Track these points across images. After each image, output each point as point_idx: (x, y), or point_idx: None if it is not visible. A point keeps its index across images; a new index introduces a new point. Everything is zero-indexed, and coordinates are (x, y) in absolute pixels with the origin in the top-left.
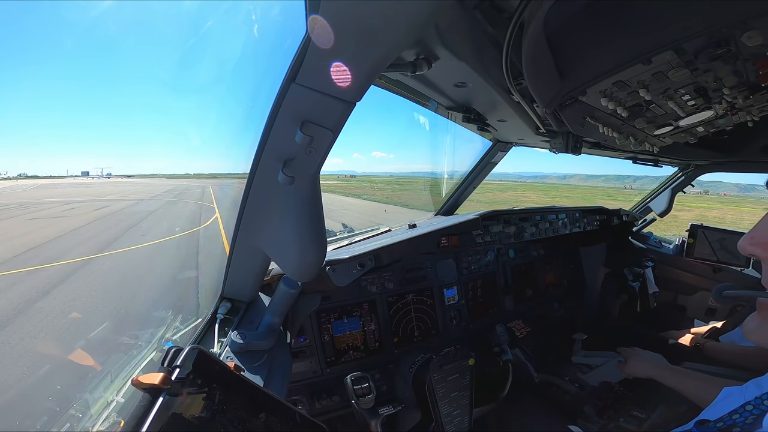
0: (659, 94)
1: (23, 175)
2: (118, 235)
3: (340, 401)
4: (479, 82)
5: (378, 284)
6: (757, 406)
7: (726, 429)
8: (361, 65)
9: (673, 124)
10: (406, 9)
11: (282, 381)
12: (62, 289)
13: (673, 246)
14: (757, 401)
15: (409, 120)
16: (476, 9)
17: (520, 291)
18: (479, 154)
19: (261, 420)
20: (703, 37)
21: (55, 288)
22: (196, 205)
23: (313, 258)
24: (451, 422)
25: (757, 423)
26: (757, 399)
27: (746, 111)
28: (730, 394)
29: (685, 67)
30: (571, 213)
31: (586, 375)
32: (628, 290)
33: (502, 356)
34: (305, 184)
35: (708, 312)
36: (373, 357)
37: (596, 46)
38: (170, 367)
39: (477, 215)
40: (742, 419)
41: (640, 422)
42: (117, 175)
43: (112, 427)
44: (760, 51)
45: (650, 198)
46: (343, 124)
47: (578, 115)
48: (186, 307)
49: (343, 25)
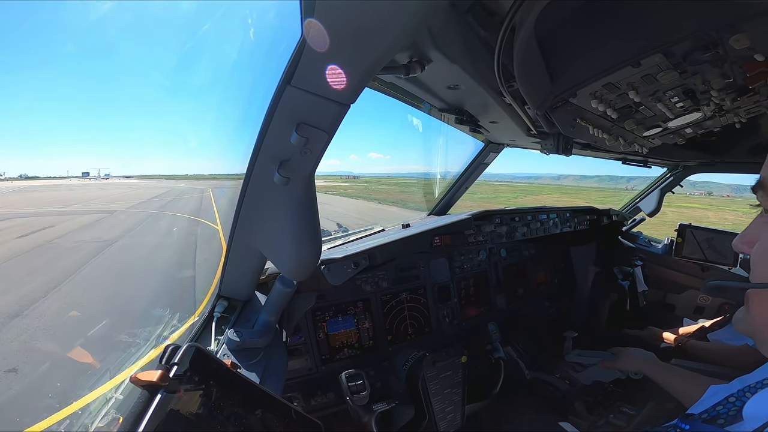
0: (648, 96)
1: (24, 176)
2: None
3: (335, 398)
4: (471, 85)
5: (372, 283)
6: (739, 398)
7: (710, 420)
8: (355, 68)
9: (661, 126)
10: (400, 13)
11: (278, 378)
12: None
13: (662, 245)
14: (739, 393)
15: (404, 122)
16: (468, 13)
17: (511, 290)
18: (471, 155)
19: (257, 416)
20: (691, 41)
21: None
22: (188, 225)
23: (308, 257)
24: (443, 418)
25: (738, 414)
26: (740, 391)
27: (734, 113)
28: (717, 392)
29: (673, 70)
30: (561, 213)
31: (578, 374)
32: (618, 289)
33: (494, 354)
34: (300, 185)
35: (696, 310)
36: (367, 354)
37: (586, 49)
38: (168, 365)
39: (469, 215)
40: (725, 410)
41: (629, 418)
42: (116, 176)
43: (111, 424)
44: (747, 54)
45: (639, 198)
46: (337, 126)
47: (568, 116)
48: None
49: (337, 29)
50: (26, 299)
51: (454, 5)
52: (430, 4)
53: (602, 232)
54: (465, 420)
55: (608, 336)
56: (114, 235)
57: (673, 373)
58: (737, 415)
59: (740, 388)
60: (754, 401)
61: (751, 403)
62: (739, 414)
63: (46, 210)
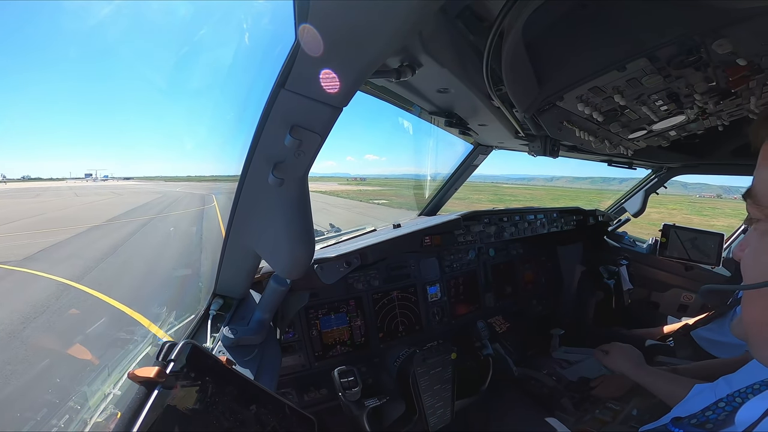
0: (633, 100)
1: (26, 177)
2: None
3: (328, 394)
4: (461, 88)
5: (364, 282)
6: (729, 402)
7: (699, 425)
8: (348, 72)
9: (646, 129)
10: (391, 18)
11: (272, 374)
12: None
13: (647, 245)
14: (729, 398)
15: (395, 124)
16: (458, 18)
17: (500, 288)
18: (461, 157)
19: (252, 412)
20: (675, 45)
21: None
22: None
23: (301, 256)
24: (433, 414)
25: (729, 419)
26: (729, 396)
27: (717, 116)
28: (702, 392)
29: (658, 74)
30: (549, 213)
31: (565, 370)
32: (604, 287)
33: (482, 351)
34: (294, 186)
35: (680, 308)
36: (359, 351)
37: (573, 53)
38: (165, 361)
39: (458, 215)
40: (714, 416)
41: (615, 414)
42: (116, 177)
43: (110, 419)
44: (730, 58)
45: (625, 199)
46: (330, 128)
47: (555, 119)
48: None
49: (330, 34)
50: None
51: (444, 11)
52: (421, 9)
53: (588, 233)
54: (454, 415)
55: (594, 333)
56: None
57: (658, 377)
58: (727, 420)
59: (730, 393)
60: (748, 407)
61: (744, 409)
62: (729, 419)
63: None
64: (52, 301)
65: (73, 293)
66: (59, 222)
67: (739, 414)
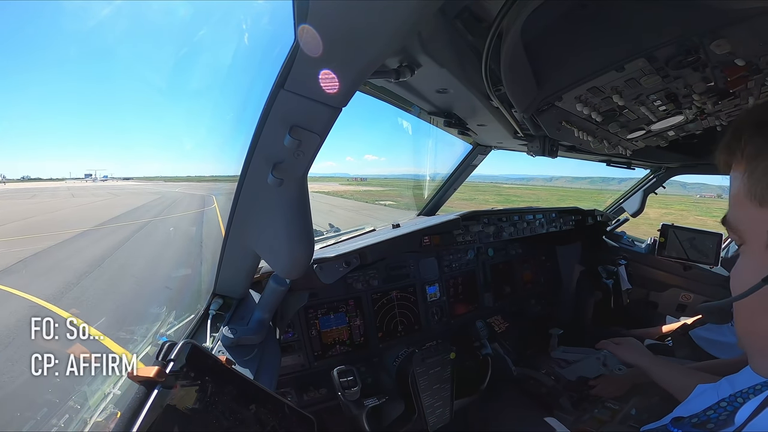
0: (632, 100)
1: (26, 177)
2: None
3: (327, 393)
4: (460, 89)
5: (363, 281)
6: (730, 402)
7: (700, 425)
8: (347, 72)
9: (645, 129)
10: (391, 19)
11: (271, 374)
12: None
13: (645, 245)
14: (731, 398)
15: (395, 124)
16: (457, 18)
17: (499, 288)
18: (460, 157)
19: (251, 411)
20: (673, 46)
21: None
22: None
23: (301, 256)
24: (432, 413)
25: (729, 419)
26: (731, 396)
27: (715, 116)
28: (704, 392)
29: (656, 74)
30: (547, 213)
31: (563, 369)
32: (602, 287)
33: (481, 350)
34: (294, 186)
35: (678, 308)
36: (358, 351)
37: (572, 54)
38: (165, 361)
39: (457, 215)
40: (716, 415)
41: (613, 413)
42: (116, 177)
43: (110, 418)
44: (728, 59)
45: (623, 199)
46: (329, 129)
47: (554, 119)
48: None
49: (329, 34)
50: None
51: (443, 11)
52: (420, 10)
53: (587, 232)
54: (453, 415)
55: (593, 333)
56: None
57: (673, 369)
58: (728, 420)
59: (732, 393)
60: (748, 407)
61: (744, 409)
62: (730, 419)
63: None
64: (22, 329)
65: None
66: (48, 226)
67: (739, 414)
